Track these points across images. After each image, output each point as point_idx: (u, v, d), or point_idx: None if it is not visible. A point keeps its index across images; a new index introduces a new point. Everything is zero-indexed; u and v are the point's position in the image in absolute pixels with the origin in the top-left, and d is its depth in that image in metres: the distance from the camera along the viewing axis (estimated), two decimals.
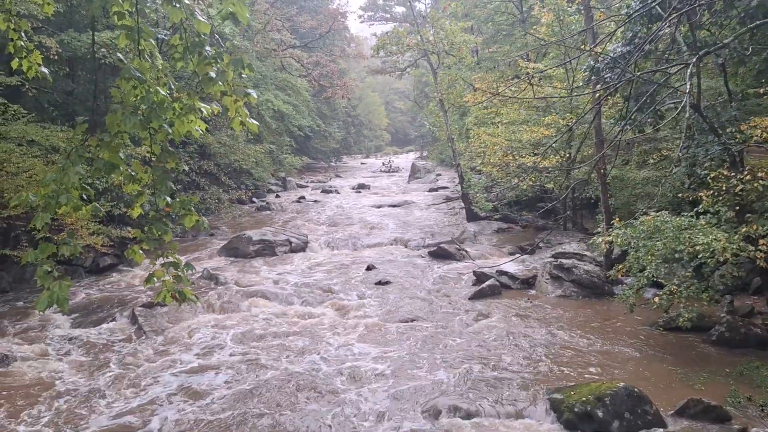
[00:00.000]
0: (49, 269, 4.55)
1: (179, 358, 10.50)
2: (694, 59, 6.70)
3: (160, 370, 9.94)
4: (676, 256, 10.05)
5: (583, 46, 15.60)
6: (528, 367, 9.64)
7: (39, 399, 8.91)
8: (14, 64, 5.40)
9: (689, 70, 6.36)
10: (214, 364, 10.17)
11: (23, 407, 8.63)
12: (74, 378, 9.66)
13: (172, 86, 4.97)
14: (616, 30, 11.50)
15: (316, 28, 47.01)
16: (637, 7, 11.56)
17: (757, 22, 8.90)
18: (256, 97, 4.90)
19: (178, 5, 4.73)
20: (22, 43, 5.20)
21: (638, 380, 8.82)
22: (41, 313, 12.54)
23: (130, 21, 4.79)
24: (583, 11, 16.40)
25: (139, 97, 4.70)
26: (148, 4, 4.94)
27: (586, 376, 9.29)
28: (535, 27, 23.51)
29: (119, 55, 4.96)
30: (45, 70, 5.39)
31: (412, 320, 12.26)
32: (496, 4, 31.17)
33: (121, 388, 9.25)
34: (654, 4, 10.72)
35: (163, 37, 17.50)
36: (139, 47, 4.81)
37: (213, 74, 4.71)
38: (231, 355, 10.57)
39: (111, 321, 12.45)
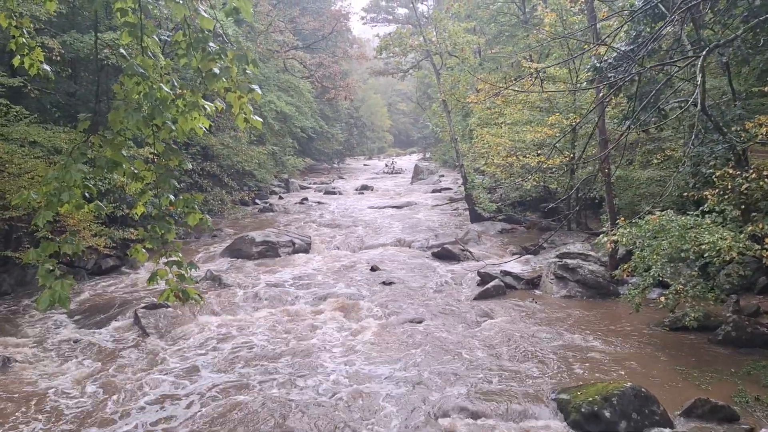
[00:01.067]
0: (51, 268, 4.51)
1: (182, 359, 10.45)
2: (704, 52, 6.64)
3: (163, 372, 9.89)
4: (682, 255, 9.98)
5: (585, 46, 15.55)
6: (534, 368, 9.58)
7: (39, 402, 8.86)
8: (16, 61, 5.36)
9: (700, 63, 6.31)
10: (218, 366, 10.12)
11: (23, 411, 8.59)
12: (76, 381, 9.60)
13: (176, 83, 4.93)
14: (619, 28, 11.45)
15: (318, 29, 47.03)
16: (641, 6, 11.52)
17: (760, 18, 8.84)
18: (260, 93, 4.86)
19: (181, 1, 4.70)
20: (24, 41, 5.17)
21: (645, 380, 8.76)
22: (43, 312, 12.57)
23: (132, 18, 4.76)
24: (585, 11, 16.35)
25: (142, 94, 4.66)
26: (151, 1, 4.90)
27: (592, 376, 9.23)
28: (538, 27, 23.46)
29: (122, 51, 4.92)
30: (47, 67, 5.35)
31: (418, 321, 12.20)
32: (499, 4, 31.19)
33: (124, 390, 9.20)
34: (657, 2, 10.68)
35: (165, 38, 17.48)
36: (142, 44, 4.77)
37: (217, 70, 4.68)
38: (235, 357, 10.52)
39: (114, 322, 12.39)
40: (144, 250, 5.31)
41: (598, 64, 12.38)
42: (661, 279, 10.63)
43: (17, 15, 5.18)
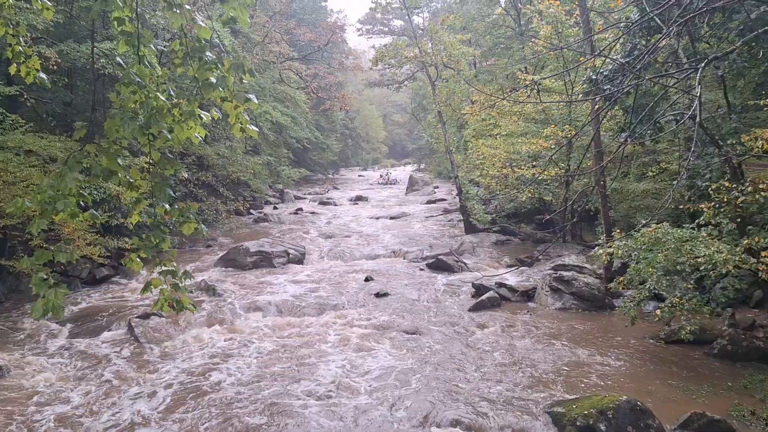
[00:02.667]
0: (45, 276, 4.46)
1: (175, 369, 10.37)
2: (703, 64, 6.65)
3: (156, 382, 9.81)
4: (678, 268, 9.97)
5: (581, 58, 15.61)
6: (528, 380, 9.55)
7: (33, 410, 8.77)
8: (12, 69, 5.33)
9: (698, 76, 6.31)
10: (210, 376, 10.05)
11: (17, 419, 8.50)
12: (69, 389, 9.53)
13: (172, 92, 4.91)
14: (615, 41, 11.49)
15: (314, 40, 47.17)
16: (637, 19, 11.58)
17: (758, 31, 8.88)
18: (256, 102, 4.84)
19: (178, 11, 4.69)
20: (21, 49, 5.14)
21: (640, 393, 8.73)
22: (37, 321, 12.47)
23: (129, 27, 4.74)
24: (581, 24, 16.43)
25: (138, 103, 4.64)
26: (148, 10, 4.88)
27: (587, 389, 9.19)
28: (533, 39, 23.57)
29: (119, 59, 4.90)
30: (44, 75, 5.32)
31: (411, 332, 12.15)
32: (495, 17, 31.33)
33: (116, 399, 9.12)
34: (653, 14, 10.72)
35: (162, 48, 17.49)
36: (139, 53, 4.75)
37: (213, 79, 4.66)
38: (227, 367, 10.45)
39: (108, 331, 12.33)
40: (138, 260, 5.27)
41: (593, 76, 12.43)
42: (656, 292, 10.62)
43: (14, 23, 5.16)
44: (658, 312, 10.18)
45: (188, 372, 10.23)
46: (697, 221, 10.57)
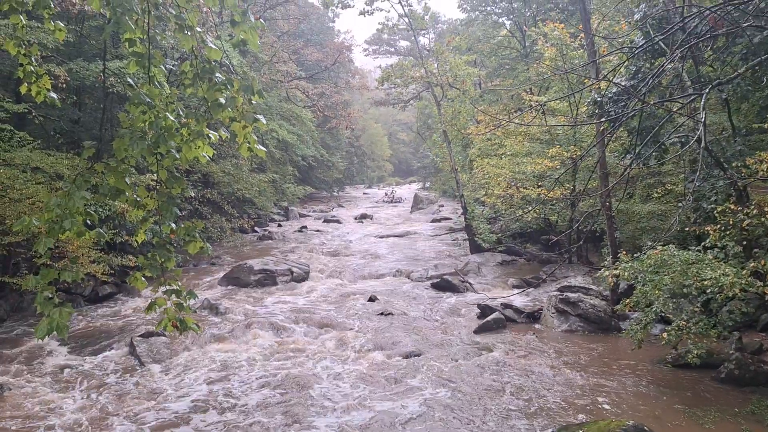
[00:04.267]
0: (50, 295, 4.46)
1: (177, 388, 10.33)
2: (708, 89, 6.69)
3: (157, 402, 9.77)
4: (684, 290, 9.92)
5: (586, 81, 15.67)
6: (534, 404, 9.47)
7: (30, 429, 8.74)
8: (23, 89, 5.37)
9: (703, 100, 6.35)
10: (212, 395, 10.00)
11: None
12: (69, 409, 9.49)
13: (181, 112, 4.95)
14: (620, 65, 11.54)
15: (321, 60, 47.47)
16: (641, 43, 11.64)
17: (762, 57, 8.92)
18: (265, 122, 4.87)
19: (189, 33, 4.73)
20: (32, 68, 5.18)
21: (647, 418, 8.66)
22: (40, 340, 12.43)
23: (140, 48, 4.78)
24: (585, 47, 16.51)
25: (147, 123, 4.67)
26: (159, 32, 4.93)
27: (594, 413, 9.12)
28: (538, 61, 23.68)
29: (129, 80, 4.94)
30: (54, 95, 5.36)
31: (416, 354, 12.08)
32: (500, 38, 31.54)
33: (116, 419, 9.08)
34: (658, 39, 10.78)
35: (171, 67, 17.63)
36: (149, 73, 4.79)
37: (223, 100, 4.69)
38: (229, 387, 10.40)
39: (109, 350, 12.30)
40: (143, 278, 5.27)
41: (598, 99, 12.47)
42: (663, 315, 10.55)
43: (26, 43, 5.20)
44: (664, 335, 10.11)
45: (189, 392, 10.18)
46: (703, 244, 10.53)
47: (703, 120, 6.85)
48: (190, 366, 11.47)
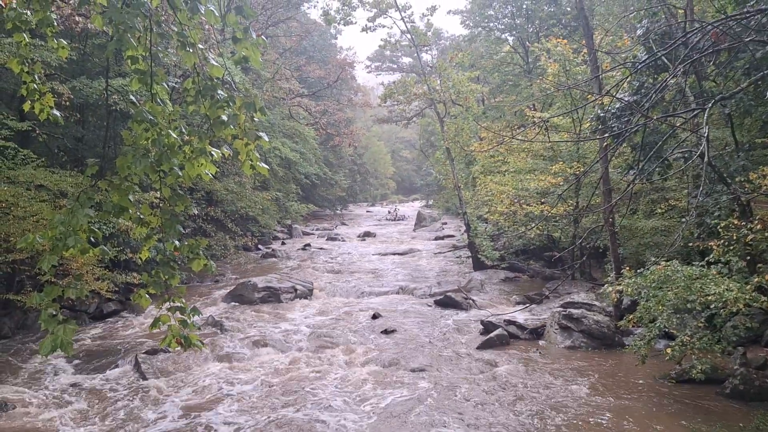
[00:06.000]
0: (54, 312, 4.47)
1: (181, 406, 10.29)
2: (710, 104, 6.71)
3: (161, 418, 9.74)
4: (688, 306, 9.89)
5: (589, 96, 15.72)
6: (538, 421, 9.41)
7: None
8: (26, 106, 5.41)
9: (706, 115, 6.37)
10: (215, 414, 9.96)
11: None
12: (73, 426, 9.46)
13: (184, 129, 4.97)
14: (623, 80, 11.58)
15: (324, 77, 47.67)
16: (644, 58, 11.68)
17: (765, 72, 8.94)
18: (267, 140, 4.89)
19: (191, 50, 4.77)
20: (36, 86, 5.23)
21: None
22: (44, 357, 12.44)
23: (143, 65, 4.82)
24: (588, 62, 16.58)
25: (150, 140, 4.69)
26: (161, 49, 4.97)
27: (597, 429, 9.05)
28: (541, 77, 23.78)
29: (132, 97, 4.98)
30: (57, 113, 5.40)
31: (419, 370, 12.04)
32: (503, 55, 31.68)
33: None
34: (661, 54, 10.82)
35: (174, 84, 17.72)
36: (152, 91, 4.82)
37: (225, 117, 4.72)
38: (235, 407, 10.36)
39: (114, 368, 12.28)
40: (147, 296, 5.28)
41: (602, 114, 12.50)
42: (666, 330, 10.50)
43: (30, 61, 5.25)
44: (668, 350, 10.07)
45: (194, 409, 10.15)
46: (706, 259, 10.51)
47: (706, 135, 6.87)
48: (195, 383, 11.43)
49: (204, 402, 10.48)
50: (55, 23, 5.08)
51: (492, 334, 14.02)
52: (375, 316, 16.55)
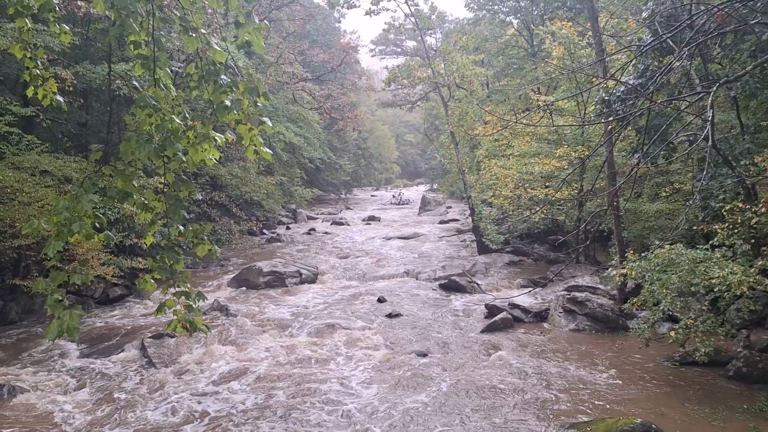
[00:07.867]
0: (60, 298, 4.51)
1: (187, 389, 10.37)
2: (715, 87, 6.67)
3: (168, 402, 9.81)
4: (692, 289, 9.90)
5: (593, 80, 15.63)
6: (542, 403, 9.46)
7: (43, 430, 8.80)
8: (29, 92, 5.42)
9: (711, 98, 6.32)
10: (222, 396, 10.04)
11: None
12: (80, 411, 9.55)
13: (187, 114, 4.98)
14: (628, 63, 11.50)
15: (327, 61, 47.47)
16: (650, 41, 11.60)
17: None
18: (271, 125, 4.89)
19: (194, 35, 4.76)
20: (38, 72, 5.22)
21: (655, 416, 8.63)
22: (51, 342, 12.53)
23: (146, 50, 4.82)
24: (593, 45, 16.47)
25: (153, 125, 4.70)
26: (164, 34, 4.96)
27: (601, 411, 9.10)
28: (546, 60, 23.64)
29: (135, 83, 4.98)
30: (60, 98, 5.40)
31: (423, 353, 12.10)
32: (507, 38, 31.45)
33: (128, 422, 9.13)
34: (666, 37, 10.75)
35: (177, 69, 17.69)
36: (155, 76, 4.82)
37: (228, 103, 4.71)
38: (241, 390, 10.44)
39: (120, 352, 12.36)
40: (152, 281, 5.31)
41: (606, 98, 12.44)
42: (670, 313, 10.51)
43: (32, 46, 5.25)
44: (672, 333, 10.08)
45: (200, 393, 10.22)
46: (711, 242, 10.50)
47: (711, 118, 6.83)
48: (202, 367, 11.51)
49: (209, 385, 10.55)
50: (57, 8, 5.07)
51: (496, 318, 14.07)
52: (380, 300, 16.61)
